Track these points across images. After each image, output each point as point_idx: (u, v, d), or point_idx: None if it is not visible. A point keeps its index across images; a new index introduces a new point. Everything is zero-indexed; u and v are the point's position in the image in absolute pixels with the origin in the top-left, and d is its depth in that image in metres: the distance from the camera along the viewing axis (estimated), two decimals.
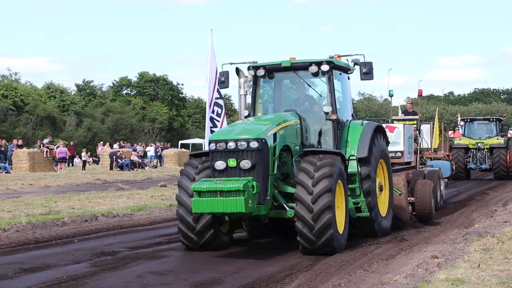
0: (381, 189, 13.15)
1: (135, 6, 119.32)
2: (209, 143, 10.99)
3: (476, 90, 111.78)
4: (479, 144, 32.19)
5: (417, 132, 18.56)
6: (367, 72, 12.40)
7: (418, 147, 18.13)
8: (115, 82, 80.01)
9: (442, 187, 18.41)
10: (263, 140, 10.58)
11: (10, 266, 9.90)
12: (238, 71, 12.75)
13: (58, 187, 25.60)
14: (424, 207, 14.84)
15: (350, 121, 12.95)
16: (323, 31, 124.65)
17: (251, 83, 12.98)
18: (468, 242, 11.05)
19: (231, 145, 10.58)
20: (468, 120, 34.83)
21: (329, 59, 12.31)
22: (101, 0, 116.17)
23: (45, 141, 43.03)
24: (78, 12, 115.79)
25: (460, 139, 32.75)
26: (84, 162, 45.21)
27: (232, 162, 10.55)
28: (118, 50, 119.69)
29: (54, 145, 43.87)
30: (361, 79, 12.56)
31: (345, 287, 8.41)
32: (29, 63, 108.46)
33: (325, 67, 12.15)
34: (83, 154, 46.98)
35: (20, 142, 43.36)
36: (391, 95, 19.36)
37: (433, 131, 24.62)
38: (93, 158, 52.87)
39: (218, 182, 10.08)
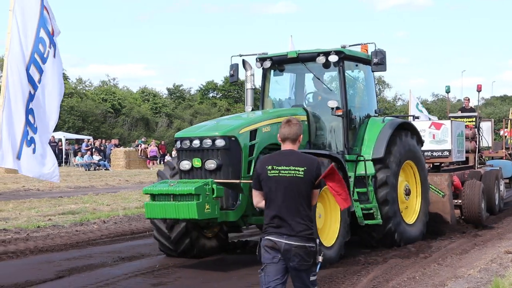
0: (408, 194, 11.21)
1: (221, 16, 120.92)
2: (175, 141, 9.39)
3: None
4: None
5: (476, 130, 16.80)
6: (379, 63, 10.46)
7: (477, 146, 16.49)
8: (202, 86, 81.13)
9: (501, 188, 16.14)
10: (233, 138, 8.94)
11: (110, 254, 10.22)
12: (244, 63, 11.19)
13: (151, 183, 26.11)
14: (472, 210, 13.05)
15: (370, 117, 11.10)
16: (398, 35, 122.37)
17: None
18: None
19: (196, 143, 8.99)
20: None
21: (339, 49, 10.50)
22: (191, 12, 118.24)
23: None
24: (169, 23, 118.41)
25: None
26: None
27: (197, 162, 8.96)
28: (206, 57, 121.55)
29: (147, 144, 44.97)
30: (372, 70, 10.74)
31: (420, 279, 8.26)
32: (126, 69, 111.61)
33: (333, 58, 10.35)
34: (173, 152, 47.90)
35: (117, 141, 44.72)
36: (447, 91, 18.12)
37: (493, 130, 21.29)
38: None
39: (172, 184, 8.48)
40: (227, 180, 8.78)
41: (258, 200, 5.37)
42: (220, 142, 8.87)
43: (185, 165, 9.08)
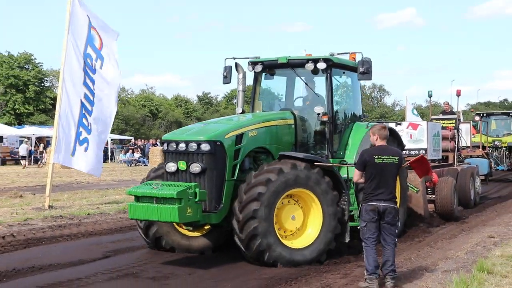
0: None
1: (247, 33, 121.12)
2: (162, 143, 8.52)
3: None
4: (496, 142, 23.89)
5: (455, 131, 16.13)
6: (365, 72, 9.38)
7: (456, 146, 15.86)
8: (227, 93, 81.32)
9: (477, 184, 15.54)
10: (218, 143, 8.02)
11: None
12: (237, 66, 10.32)
13: None
14: (445, 205, 12.42)
15: (355, 122, 10.16)
16: (399, 49, 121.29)
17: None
18: None
19: (182, 146, 8.11)
20: (484, 115, 25.33)
21: (327, 57, 9.59)
22: (219, 31, 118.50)
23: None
24: (201, 39, 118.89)
25: (474, 137, 22.05)
26: None
27: (182, 165, 8.07)
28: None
29: None
30: (358, 79, 9.71)
31: (415, 260, 8.26)
32: (162, 79, 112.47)
33: (321, 65, 9.45)
34: None
35: (154, 141, 44.99)
36: (430, 96, 17.39)
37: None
38: None
39: (155, 187, 7.68)
40: (324, 164, 8.12)
41: (358, 177, 7.02)
42: (205, 147, 7.97)
43: (171, 167, 8.18)
